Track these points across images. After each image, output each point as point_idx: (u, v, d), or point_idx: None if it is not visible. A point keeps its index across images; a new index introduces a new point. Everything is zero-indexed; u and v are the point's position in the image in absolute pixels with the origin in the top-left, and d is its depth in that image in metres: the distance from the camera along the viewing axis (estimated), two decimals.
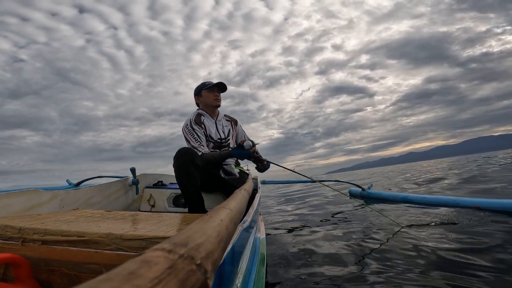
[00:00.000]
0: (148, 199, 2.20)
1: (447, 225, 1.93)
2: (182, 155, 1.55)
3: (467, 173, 6.20)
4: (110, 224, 0.85)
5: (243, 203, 0.61)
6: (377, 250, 1.59)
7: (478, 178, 4.73)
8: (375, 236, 1.88)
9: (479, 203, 2.32)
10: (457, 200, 2.56)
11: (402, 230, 1.93)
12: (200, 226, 0.27)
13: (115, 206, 1.91)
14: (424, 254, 1.41)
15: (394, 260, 1.38)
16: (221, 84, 1.97)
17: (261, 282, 1.03)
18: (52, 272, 0.69)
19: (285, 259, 1.61)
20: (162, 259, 0.22)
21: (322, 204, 4.05)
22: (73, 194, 1.54)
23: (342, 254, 1.57)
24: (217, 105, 2.00)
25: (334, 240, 1.89)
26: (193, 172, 1.54)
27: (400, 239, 1.72)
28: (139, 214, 1.11)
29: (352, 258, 1.50)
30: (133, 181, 2.10)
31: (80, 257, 0.68)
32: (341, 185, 6.33)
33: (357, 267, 1.35)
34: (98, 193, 1.78)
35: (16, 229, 0.74)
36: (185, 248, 0.22)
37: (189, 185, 1.55)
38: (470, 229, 1.77)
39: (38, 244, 0.71)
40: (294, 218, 3.06)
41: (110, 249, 0.66)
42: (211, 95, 1.96)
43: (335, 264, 1.43)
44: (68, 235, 0.70)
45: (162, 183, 2.40)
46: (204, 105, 2.01)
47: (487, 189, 3.44)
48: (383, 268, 1.30)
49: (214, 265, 0.22)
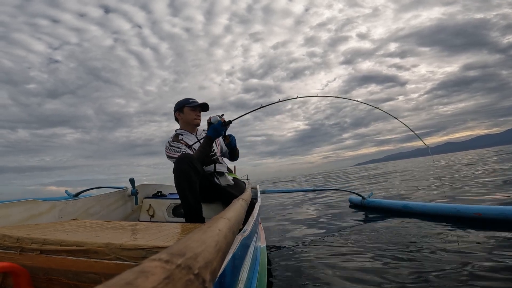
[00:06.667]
0: (147, 209, 2.19)
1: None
2: (182, 160, 1.55)
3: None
4: (109, 234, 0.84)
5: (241, 212, 0.61)
6: (376, 261, 1.57)
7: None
8: (371, 246, 1.86)
9: (481, 210, 2.31)
10: (458, 207, 2.54)
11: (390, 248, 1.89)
12: (198, 236, 0.27)
13: (114, 216, 1.91)
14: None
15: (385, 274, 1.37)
16: (204, 105, 1.98)
17: None
18: (51, 281, 0.69)
19: (287, 268, 1.59)
20: (159, 269, 0.22)
21: (322, 212, 4.02)
22: (72, 204, 1.54)
23: (342, 263, 1.56)
24: (197, 124, 2.00)
25: (334, 250, 1.88)
26: (192, 176, 1.54)
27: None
28: (139, 224, 1.10)
29: (351, 267, 1.48)
30: (132, 191, 2.10)
31: (79, 267, 0.67)
32: (339, 192, 6.29)
33: (356, 276, 1.34)
34: (97, 203, 1.78)
35: (14, 238, 0.74)
36: (183, 258, 0.22)
37: (189, 192, 1.55)
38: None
39: (37, 253, 0.70)
40: (295, 227, 3.04)
41: (110, 259, 0.66)
42: (193, 113, 1.96)
43: (335, 274, 1.41)
44: (67, 245, 0.70)
45: (161, 193, 2.40)
46: (185, 122, 2.00)
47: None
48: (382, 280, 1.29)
49: (213, 275, 0.22)
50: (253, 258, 0.88)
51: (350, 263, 1.55)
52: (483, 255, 1.44)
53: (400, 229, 2.26)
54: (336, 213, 3.74)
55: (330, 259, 1.67)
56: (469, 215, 2.35)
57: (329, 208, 4.43)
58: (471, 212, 2.36)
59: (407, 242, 1.84)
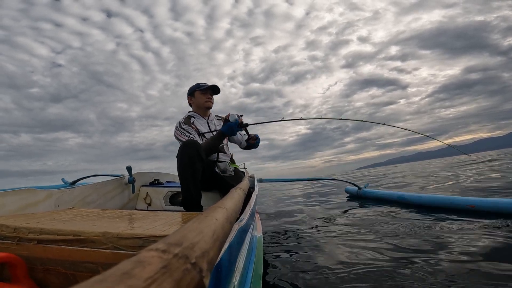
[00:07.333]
0: (144, 197, 2.19)
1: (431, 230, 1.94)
2: (188, 145, 1.54)
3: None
4: (106, 223, 0.84)
5: (238, 202, 0.61)
6: (370, 248, 1.60)
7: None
8: (366, 234, 1.89)
9: (474, 202, 2.34)
10: (451, 199, 2.58)
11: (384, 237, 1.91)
12: (195, 225, 0.27)
13: (111, 204, 1.91)
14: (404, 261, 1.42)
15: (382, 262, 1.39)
16: (214, 87, 1.99)
17: (259, 280, 1.03)
18: (48, 271, 0.69)
19: (283, 257, 1.62)
20: (156, 259, 0.22)
21: (319, 202, 4.06)
22: (68, 193, 1.53)
23: (336, 252, 1.58)
24: (209, 107, 2.02)
25: (329, 239, 1.90)
26: (196, 163, 1.53)
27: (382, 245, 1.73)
28: (136, 213, 1.10)
29: (345, 255, 1.51)
30: (129, 179, 2.09)
31: (76, 256, 0.67)
32: (330, 182, 6.35)
33: (349, 267, 1.36)
34: (94, 191, 1.77)
35: (11, 228, 0.73)
36: (180, 247, 0.22)
37: (191, 177, 1.52)
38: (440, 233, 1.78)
39: (34, 243, 0.70)
40: (291, 216, 3.07)
41: (107, 248, 0.66)
42: (203, 97, 1.98)
43: (330, 262, 1.44)
44: (64, 234, 0.70)
45: (158, 181, 2.40)
46: (196, 106, 2.03)
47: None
48: (377, 268, 1.31)
49: (210, 264, 0.22)
50: (249, 247, 0.89)
51: (345, 250, 1.57)
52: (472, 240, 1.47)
53: (392, 217, 2.29)
54: (332, 203, 3.79)
55: (325, 247, 1.70)
56: (462, 207, 2.39)
57: (326, 198, 4.47)
58: (464, 204, 2.39)
59: (398, 229, 1.87)
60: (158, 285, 0.22)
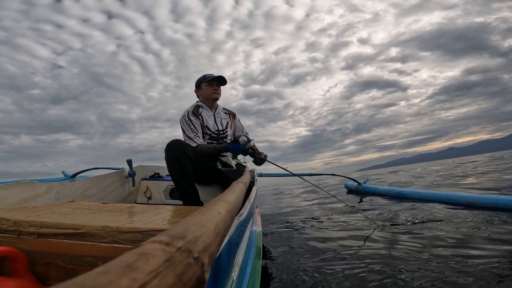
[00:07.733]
0: (144, 191, 2.19)
1: (430, 223, 1.95)
2: (173, 146, 1.55)
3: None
4: (106, 217, 0.84)
5: (240, 195, 0.61)
6: (356, 248, 1.61)
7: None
8: (354, 236, 1.90)
9: (472, 198, 2.35)
10: (450, 195, 2.59)
11: (378, 229, 1.91)
12: (197, 218, 0.26)
13: (112, 198, 1.91)
14: (397, 254, 1.42)
15: (366, 259, 1.40)
16: (220, 78, 1.97)
17: (257, 275, 1.03)
18: (49, 265, 0.69)
19: (282, 252, 1.62)
20: (159, 251, 0.21)
21: (318, 197, 4.07)
22: (69, 186, 1.53)
23: (335, 246, 1.59)
24: (216, 98, 2.01)
25: (327, 233, 1.91)
26: (185, 163, 1.54)
27: (376, 239, 1.74)
28: (136, 206, 1.10)
29: (343, 250, 1.51)
30: (129, 172, 2.09)
31: (76, 250, 0.67)
32: (330, 177, 6.36)
33: (348, 257, 1.37)
34: (94, 184, 1.77)
35: (12, 221, 0.73)
36: (183, 240, 0.22)
37: (182, 177, 1.55)
38: (451, 227, 1.79)
39: (34, 237, 0.70)
40: (291, 211, 3.08)
41: (107, 242, 0.66)
42: (210, 88, 1.97)
43: (329, 257, 1.44)
44: (64, 228, 0.70)
45: (159, 174, 2.40)
46: (204, 98, 2.02)
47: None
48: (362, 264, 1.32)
49: (211, 259, 0.22)
50: (248, 241, 0.89)
51: (343, 245, 1.58)
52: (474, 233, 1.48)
53: (392, 212, 2.30)
54: (331, 198, 3.80)
55: (324, 242, 1.70)
56: (461, 203, 2.40)
57: (325, 193, 4.48)
58: (463, 200, 2.40)
59: (396, 219, 1.88)
60: (161, 278, 0.21)
